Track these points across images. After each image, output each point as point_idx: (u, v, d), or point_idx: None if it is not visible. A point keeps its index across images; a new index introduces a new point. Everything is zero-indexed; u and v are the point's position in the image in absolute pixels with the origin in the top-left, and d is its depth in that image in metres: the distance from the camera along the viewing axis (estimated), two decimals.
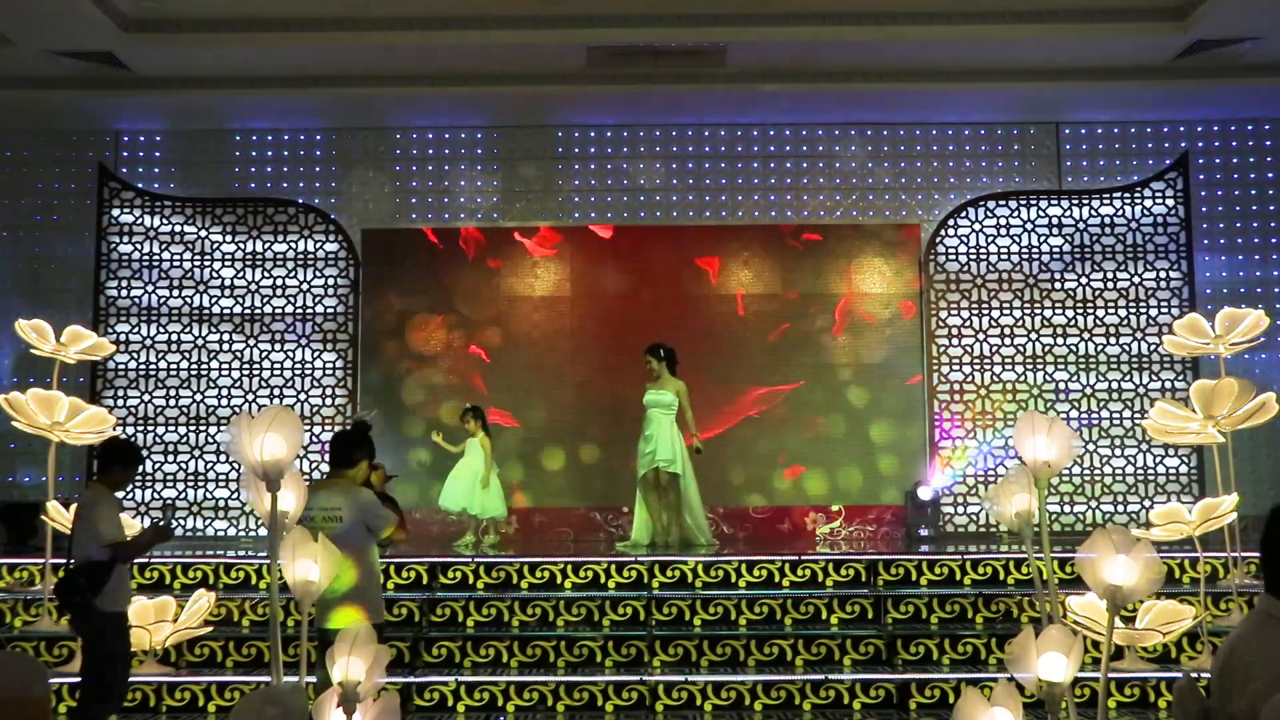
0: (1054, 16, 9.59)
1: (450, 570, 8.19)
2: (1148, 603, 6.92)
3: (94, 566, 5.62)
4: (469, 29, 9.64)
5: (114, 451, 6.05)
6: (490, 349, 11.22)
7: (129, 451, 6.10)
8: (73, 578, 5.66)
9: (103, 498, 5.85)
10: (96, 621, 5.66)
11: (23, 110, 10.83)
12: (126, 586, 5.91)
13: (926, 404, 11.14)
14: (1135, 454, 11.02)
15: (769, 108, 11.13)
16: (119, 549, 5.71)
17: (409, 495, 10.60)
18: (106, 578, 5.61)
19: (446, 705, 7.07)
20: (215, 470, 11.03)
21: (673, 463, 9.56)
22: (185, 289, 11.23)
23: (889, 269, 11.30)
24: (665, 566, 8.23)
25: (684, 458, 9.67)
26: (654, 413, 9.66)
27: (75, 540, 5.81)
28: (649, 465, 9.60)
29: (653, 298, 11.24)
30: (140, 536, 5.97)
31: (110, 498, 5.90)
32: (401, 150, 11.56)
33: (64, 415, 7.98)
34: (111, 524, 5.77)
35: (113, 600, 5.70)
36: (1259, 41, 9.79)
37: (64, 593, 5.70)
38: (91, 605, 5.61)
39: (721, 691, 7.12)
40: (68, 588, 5.66)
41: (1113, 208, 11.27)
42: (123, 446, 6.15)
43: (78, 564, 5.68)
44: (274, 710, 4.09)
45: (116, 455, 6.01)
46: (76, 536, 5.80)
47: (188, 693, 7.15)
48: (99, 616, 5.65)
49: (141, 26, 9.62)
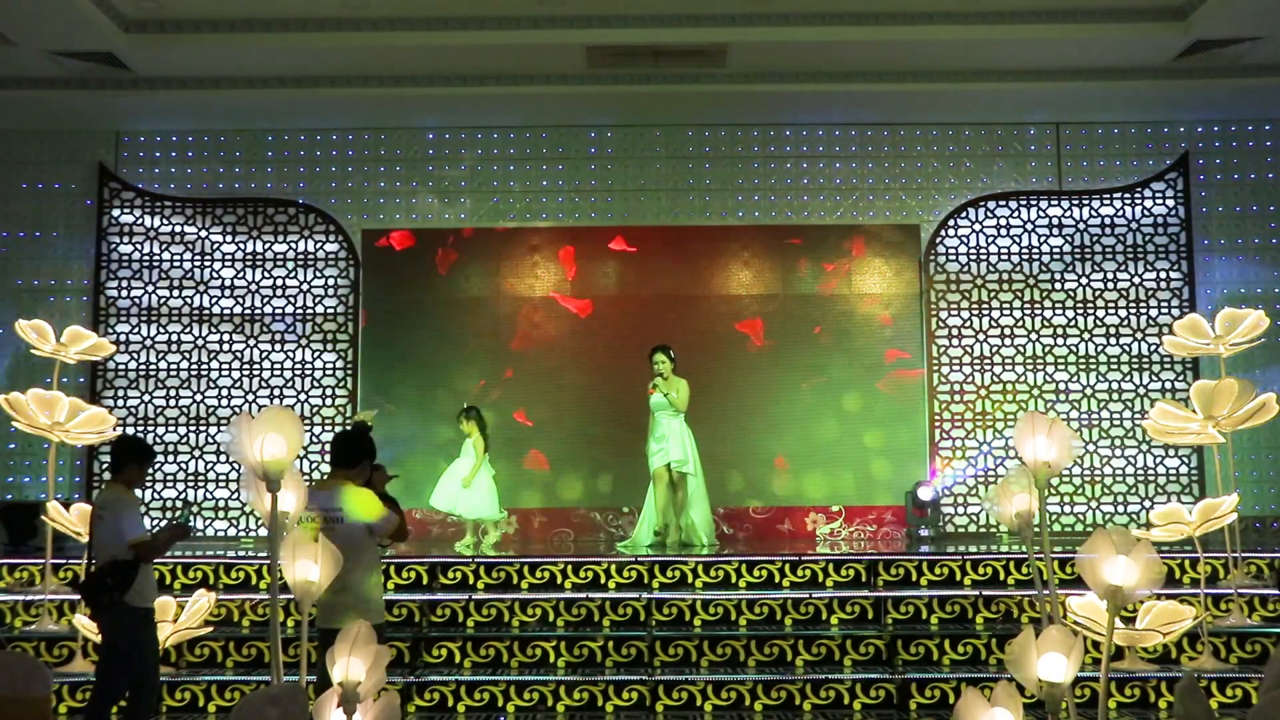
0: (1054, 17, 9.59)
1: (450, 571, 8.19)
2: (1148, 603, 6.92)
3: (120, 565, 5.65)
4: (469, 29, 9.64)
5: (129, 449, 6.02)
6: (491, 349, 11.22)
7: (143, 448, 6.09)
8: (100, 577, 5.68)
9: (124, 497, 5.85)
10: (127, 619, 5.69)
11: (23, 110, 10.83)
12: (153, 582, 5.93)
13: (926, 404, 11.14)
14: (1135, 454, 11.02)
15: (769, 108, 11.13)
16: (143, 548, 5.72)
17: (406, 497, 10.63)
18: (133, 576, 5.65)
19: (447, 705, 7.07)
20: (215, 470, 11.03)
21: (684, 462, 9.58)
22: (185, 289, 11.24)
23: (889, 269, 11.30)
24: (665, 567, 8.23)
25: (695, 458, 9.69)
26: (663, 415, 9.66)
27: (98, 540, 5.81)
28: (662, 463, 9.60)
29: (654, 297, 11.24)
30: (161, 534, 5.97)
31: (131, 496, 5.91)
32: (402, 150, 11.56)
33: (64, 415, 7.99)
34: (135, 523, 5.79)
35: (141, 596, 5.74)
36: (1259, 42, 9.79)
37: (92, 592, 5.71)
38: (122, 603, 5.64)
39: (722, 692, 7.12)
40: (96, 587, 5.68)
41: (1113, 208, 11.28)
42: (137, 443, 6.13)
43: (104, 564, 5.69)
44: (274, 710, 4.09)
45: (132, 452, 5.99)
46: (100, 536, 5.79)
47: (188, 693, 7.15)
48: (130, 613, 5.68)
49: (142, 27, 9.63)
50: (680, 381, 9.71)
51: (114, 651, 5.78)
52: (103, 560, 5.72)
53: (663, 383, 9.65)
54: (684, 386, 9.70)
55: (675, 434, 9.61)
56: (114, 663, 5.79)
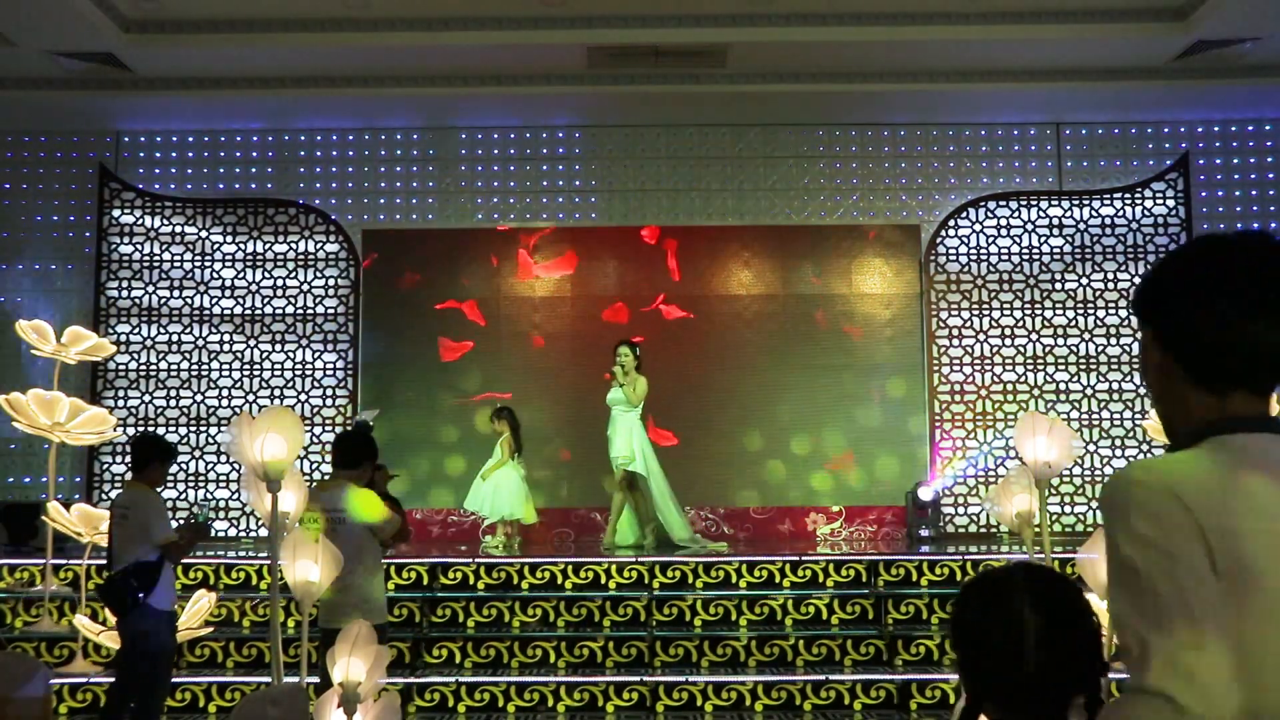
0: (1054, 17, 9.59)
1: (451, 571, 8.19)
2: None
3: (144, 566, 5.59)
4: (469, 29, 9.64)
5: (150, 447, 5.94)
6: (491, 349, 11.23)
7: (165, 446, 6.01)
8: (124, 579, 5.60)
9: (149, 497, 5.78)
10: (150, 620, 5.64)
11: (23, 111, 10.83)
12: (174, 584, 5.89)
13: (927, 404, 11.14)
14: (1136, 454, 11.02)
15: (769, 108, 11.13)
16: (172, 549, 5.69)
17: (409, 498, 10.65)
18: (157, 577, 5.61)
19: (447, 706, 7.07)
20: (216, 471, 11.04)
21: (630, 459, 9.40)
22: (186, 290, 11.24)
23: (889, 269, 11.30)
24: (666, 567, 8.23)
25: (647, 455, 9.52)
26: (617, 409, 9.52)
27: (121, 540, 5.72)
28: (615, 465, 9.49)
29: (654, 297, 11.24)
30: (184, 536, 5.90)
31: (157, 497, 5.85)
32: (402, 151, 11.57)
33: (64, 416, 7.99)
34: (163, 524, 5.72)
35: (166, 598, 5.71)
36: (1260, 42, 9.79)
37: (116, 594, 5.64)
38: (146, 605, 5.59)
39: (722, 692, 7.12)
40: (120, 589, 5.61)
41: (1113, 208, 11.28)
42: (158, 441, 6.05)
43: (128, 565, 5.62)
44: (275, 711, 4.10)
45: (154, 451, 5.92)
46: (123, 537, 5.71)
47: (188, 693, 7.16)
48: (154, 615, 5.64)
49: (142, 27, 9.63)
50: (640, 379, 9.59)
51: (136, 654, 5.70)
52: (125, 561, 5.64)
53: (621, 374, 9.54)
54: (642, 384, 9.56)
55: (624, 431, 9.45)
56: (137, 665, 5.72)
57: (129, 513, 5.73)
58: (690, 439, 10.86)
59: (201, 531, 5.99)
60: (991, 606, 1.79)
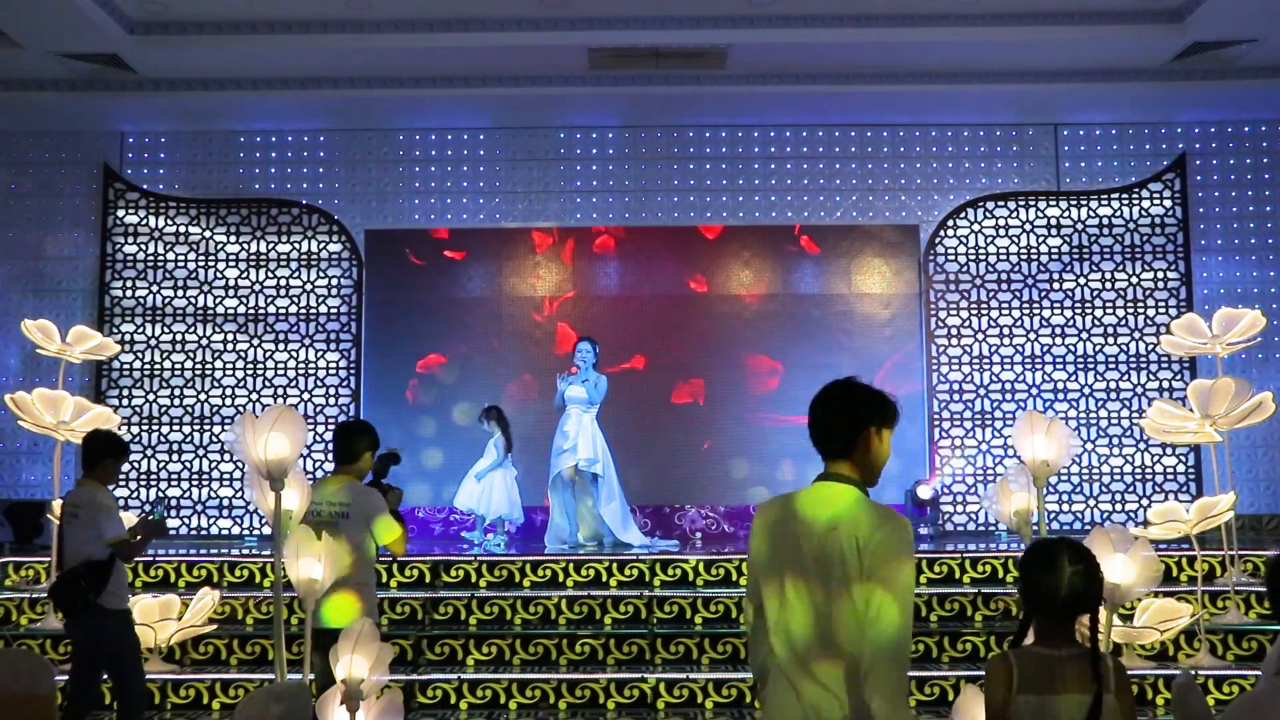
0: (1052, 18, 9.64)
1: (452, 569, 8.24)
2: (1146, 601, 6.97)
3: (94, 566, 5.43)
4: (471, 30, 9.69)
5: (101, 444, 5.75)
6: (492, 349, 11.28)
7: (117, 443, 5.82)
8: (73, 578, 5.44)
9: (100, 495, 5.62)
10: (102, 620, 5.49)
11: (29, 112, 10.89)
12: (126, 583, 5.73)
13: (926, 403, 11.19)
14: (1133, 453, 11.07)
15: (769, 108, 11.17)
16: (124, 547, 5.54)
17: (423, 496, 10.78)
18: (108, 577, 5.43)
19: (449, 703, 7.12)
20: (219, 469, 11.10)
21: (595, 461, 9.36)
22: (190, 289, 11.30)
23: (889, 269, 11.34)
24: (666, 565, 8.28)
25: (606, 456, 9.49)
26: (575, 408, 9.48)
27: (69, 539, 5.60)
28: (570, 462, 9.38)
29: (653, 297, 11.29)
30: (136, 531, 5.73)
31: (108, 495, 5.69)
32: (404, 151, 11.61)
33: (69, 414, 8.04)
34: (115, 523, 5.59)
35: (116, 598, 5.54)
36: (1256, 43, 9.83)
37: (65, 594, 5.47)
38: (96, 605, 5.43)
39: (723, 689, 7.16)
40: (69, 589, 5.44)
41: (1111, 208, 11.33)
42: (111, 439, 5.84)
43: (76, 564, 5.47)
44: (278, 708, 4.14)
45: (106, 448, 5.73)
46: (73, 535, 5.58)
47: (192, 690, 7.21)
48: (105, 614, 5.48)
49: (147, 29, 9.69)
50: (601, 377, 9.58)
51: (87, 656, 5.53)
52: (75, 560, 5.48)
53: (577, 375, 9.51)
54: (604, 382, 9.57)
55: (587, 431, 9.40)
56: (89, 668, 5.55)
57: (79, 511, 5.55)
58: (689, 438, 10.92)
59: (155, 529, 5.76)
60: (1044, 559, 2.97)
